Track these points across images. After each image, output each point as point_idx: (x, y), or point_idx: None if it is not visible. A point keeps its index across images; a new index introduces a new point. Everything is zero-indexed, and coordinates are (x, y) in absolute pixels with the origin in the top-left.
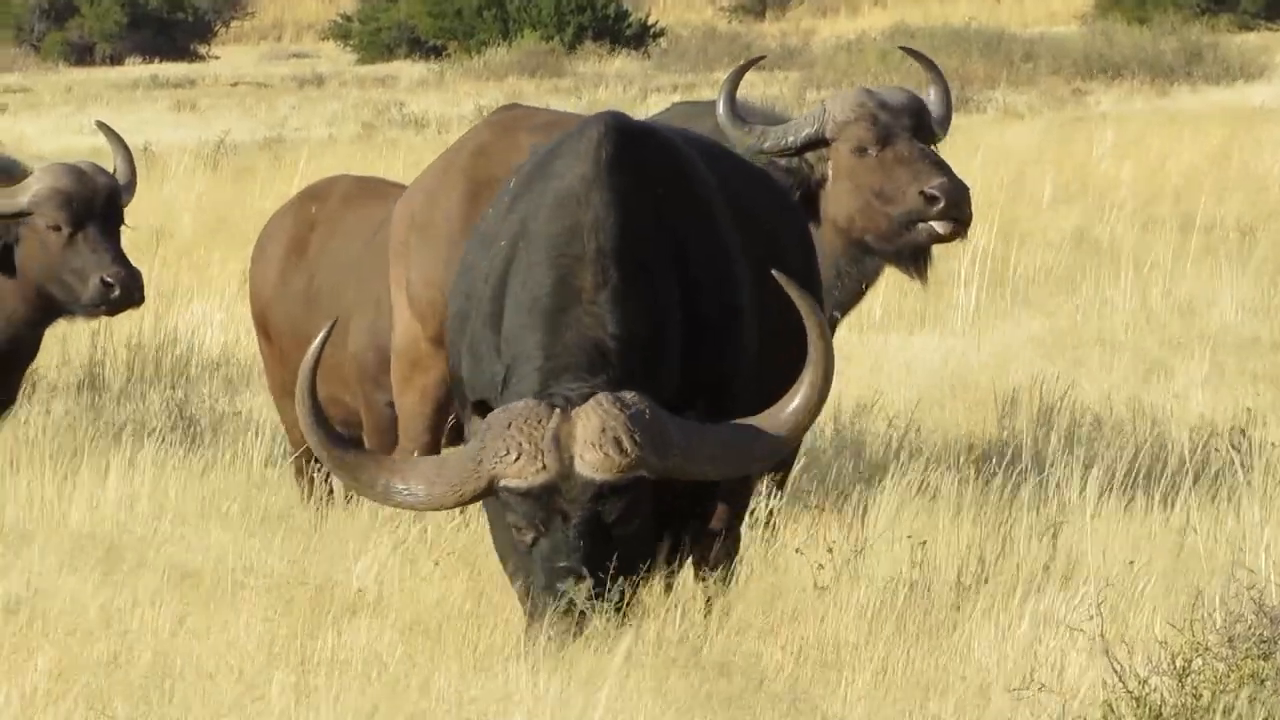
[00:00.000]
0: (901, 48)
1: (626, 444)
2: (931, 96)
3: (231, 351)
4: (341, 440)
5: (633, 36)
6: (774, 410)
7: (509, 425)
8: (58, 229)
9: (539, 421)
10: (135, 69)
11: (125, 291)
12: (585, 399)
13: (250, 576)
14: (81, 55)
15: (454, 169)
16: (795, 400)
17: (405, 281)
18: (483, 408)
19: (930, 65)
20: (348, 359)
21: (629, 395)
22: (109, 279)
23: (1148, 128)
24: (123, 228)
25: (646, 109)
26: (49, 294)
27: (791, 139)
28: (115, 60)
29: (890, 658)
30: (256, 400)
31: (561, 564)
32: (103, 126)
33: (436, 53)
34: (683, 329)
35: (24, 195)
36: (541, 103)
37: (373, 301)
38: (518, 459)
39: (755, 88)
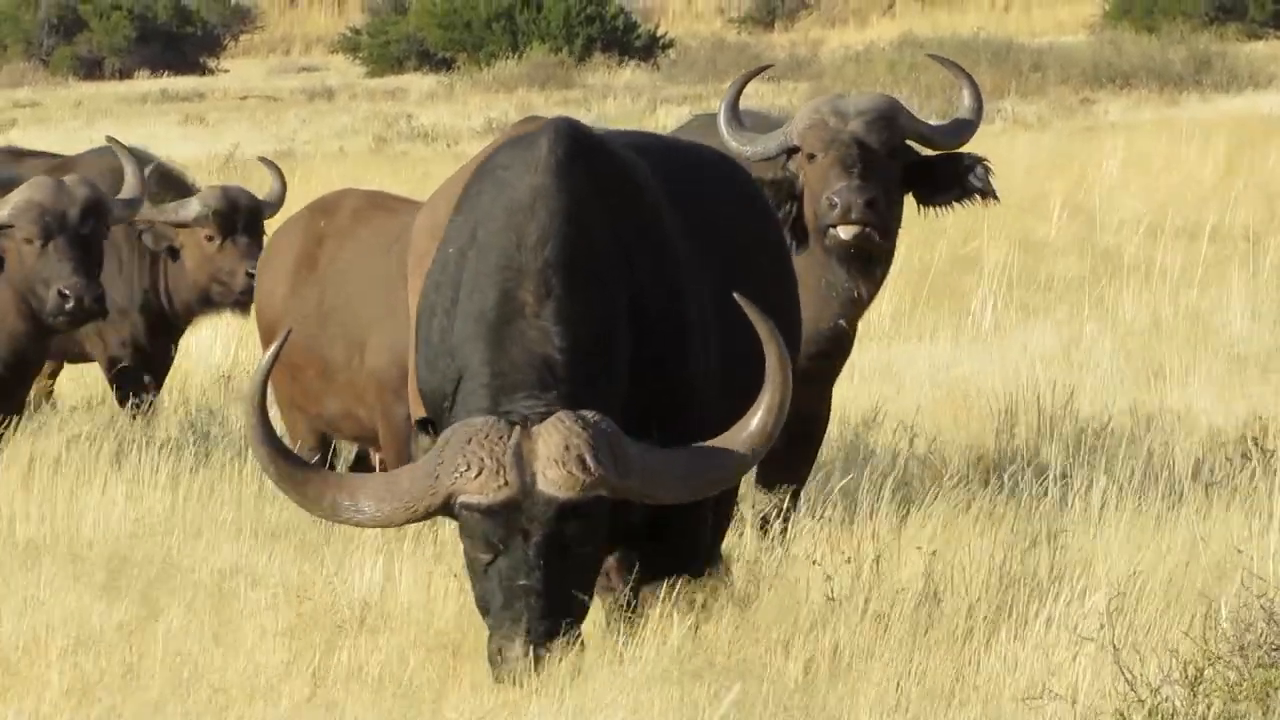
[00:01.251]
0: (930, 55)
1: (590, 462)
2: (965, 100)
3: (240, 364)
4: (290, 454)
5: (642, 48)
6: (730, 434)
7: (469, 441)
8: (30, 241)
9: (500, 438)
10: (144, 83)
11: (78, 303)
12: (543, 416)
13: (264, 590)
14: (90, 69)
15: None
16: (751, 424)
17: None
18: (426, 425)
19: (958, 69)
20: (365, 374)
21: (590, 414)
22: (65, 290)
23: (1156, 137)
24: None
25: (656, 120)
26: (29, 305)
27: (767, 146)
28: (124, 74)
29: (902, 667)
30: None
31: (521, 582)
32: (113, 142)
33: (446, 65)
34: (630, 342)
35: (4, 208)
36: (551, 114)
37: (392, 316)
38: (479, 475)
39: (764, 98)
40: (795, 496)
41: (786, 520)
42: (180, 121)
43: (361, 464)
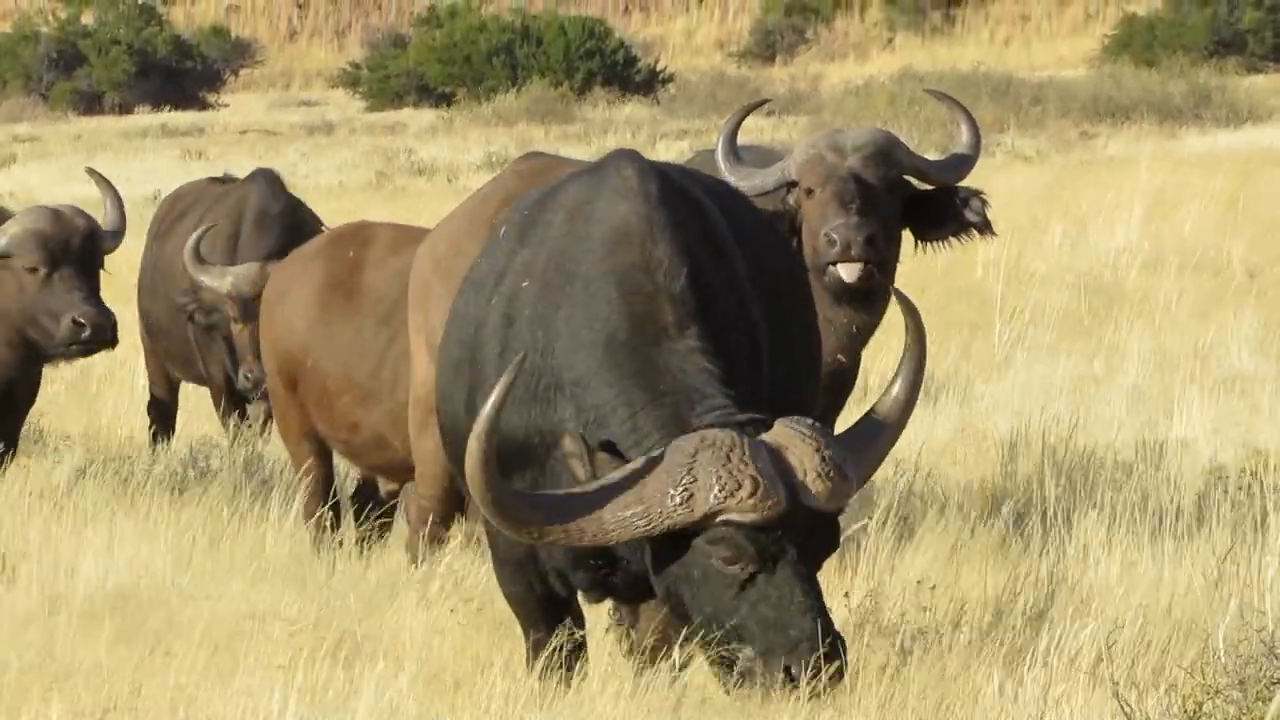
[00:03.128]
0: (928, 90)
1: (848, 470)
2: (963, 136)
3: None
4: (507, 486)
5: (642, 82)
6: (880, 403)
7: (724, 458)
8: (34, 270)
9: (753, 453)
10: (144, 117)
11: (96, 331)
12: (759, 427)
13: (266, 625)
14: (90, 104)
15: (481, 217)
16: (895, 391)
17: (426, 328)
18: (608, 447)
19: (955, 104)
20: (401, 404)
21: (808, 421)
22: (80, 319)
23: (1156, 171)
24: (102, 271)
25: (655, 154)
26: (27, 335)
27: (764, 180)
28: (124, 109)
29: (899, 700)
30: (270, 447)
31: (800, 599)
32: (93, 174)
33: (445, 99)
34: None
35: (2, 238)
36: (551, 149)
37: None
38: (747, 493)
39: (764, 133)
40: None
41: None
42: (180, 156)
43: (366, 491)
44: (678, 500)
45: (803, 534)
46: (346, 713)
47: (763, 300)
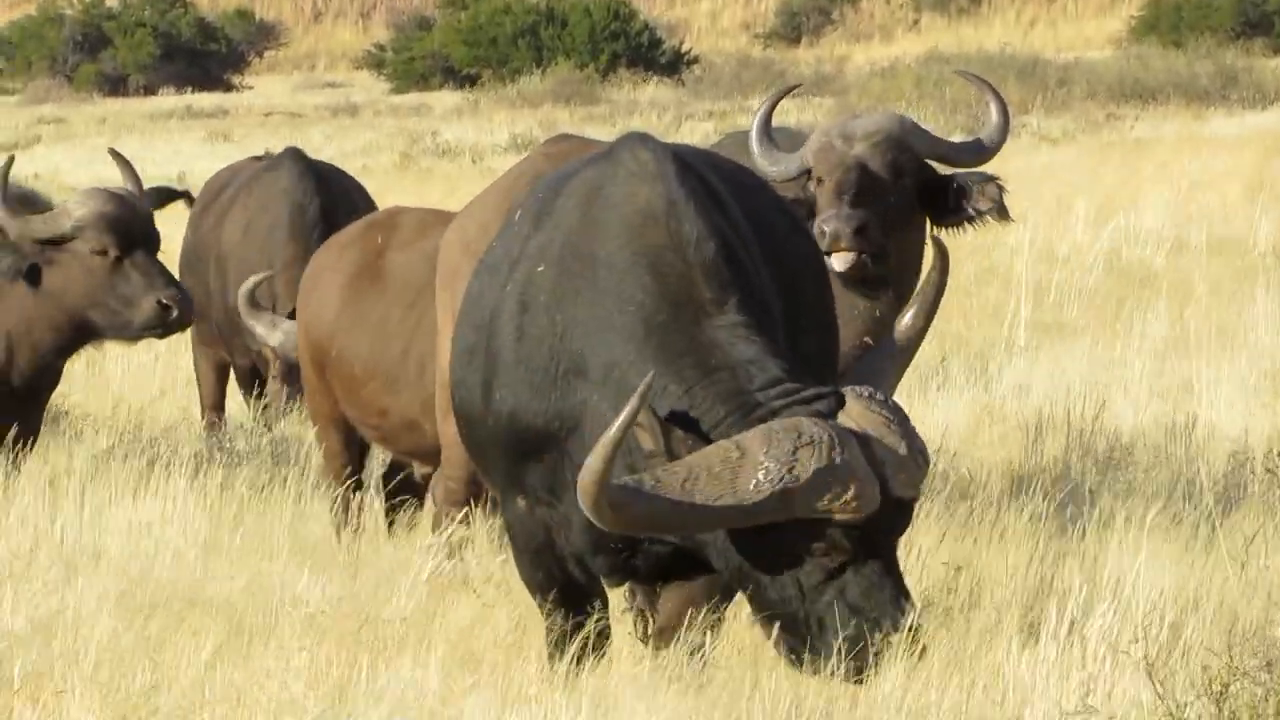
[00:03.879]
0: (958, 71)
1: (928, 454)
2: (992, 117)
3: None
4: (615, 487)
5: (667, 64)
6: (896, 328)
7: (823, 467)
8: (104, 253)
9: (849, 452)
10: (169, 99)
11: (183, 313)
12: (833, 403)
13: (287, 607)
14: (115, 86)
15: (509, 200)
16: (906, 318)
17: (454, 309)
18: (677, 419)
19: (985, 85)
20: (430, 388)
21: (879, 396)
22: (166, 301)
23: (1182, 152)
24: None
25: (680, 136)
26: (87, 320)
27: (786, 167)
28: (149, 91)
29: (930, 681)
30: (293, 430)
31: (889, 590)
32: (115, 154)
33: (470, 81)
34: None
35: (66, 220)
36: (576, 131)
37: None
38: (855, 496)
39: (790, 115)
40: None
41: None
42: (205, 138)
43: (394, 474)
44: (778, 498)
45: (890, 524)
46: (371, 695)
47: (777, 281)
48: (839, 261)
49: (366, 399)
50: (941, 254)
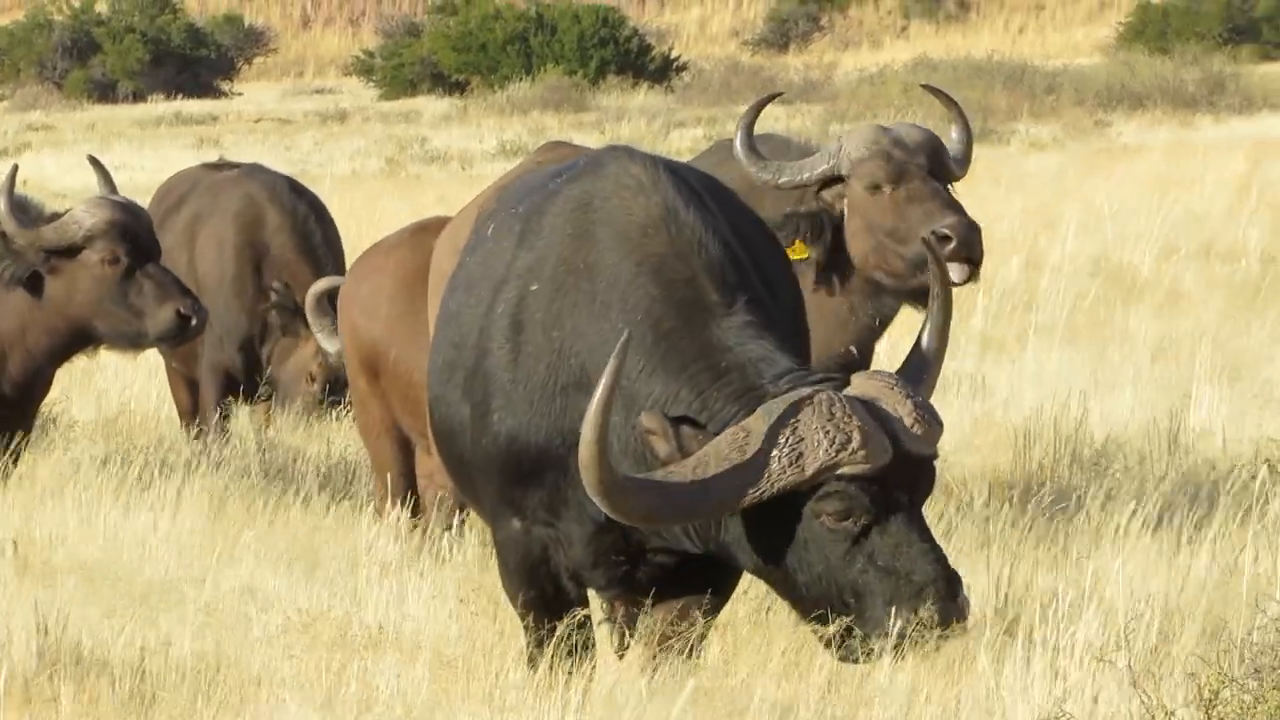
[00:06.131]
0: (923, 85)
1: (939, 414)
2: (953, 135)
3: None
4: (619, 474)
5: (655, 70)
6: (919, 343)
7: (825, 416)
8: (115, 261)
9: (851, 407)
10: (158, 106)
11: (200, 323)
12: (840, 385)
13: (275, 612)
14: (104, 92)
15: None
16: (926, 336)
17: None
18: (688, 421)
19: (951, 103)
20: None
21: (885, 372)
22: (185, 311)
23: (1170, 158)
24: None
25: (669, 143)
26: (90, 327)
27: (807, 175)
28: (138, 97)
29: (915, 689)
30: (281, 435)
31: (919, 544)
32: (92, 161)
33: (459, 88)
34: None
35: (76, 228)
36: (565, 137)
37: None
38: (862, 445)
39: (778, 121)
40: None
41: None
42: (194, 144)
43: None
44: (786, 462)
45: (908, 481)
46: (360, 701)
47: (762, 286)
48: (958, 272)
49: (419, 406)
50: (937, 262)
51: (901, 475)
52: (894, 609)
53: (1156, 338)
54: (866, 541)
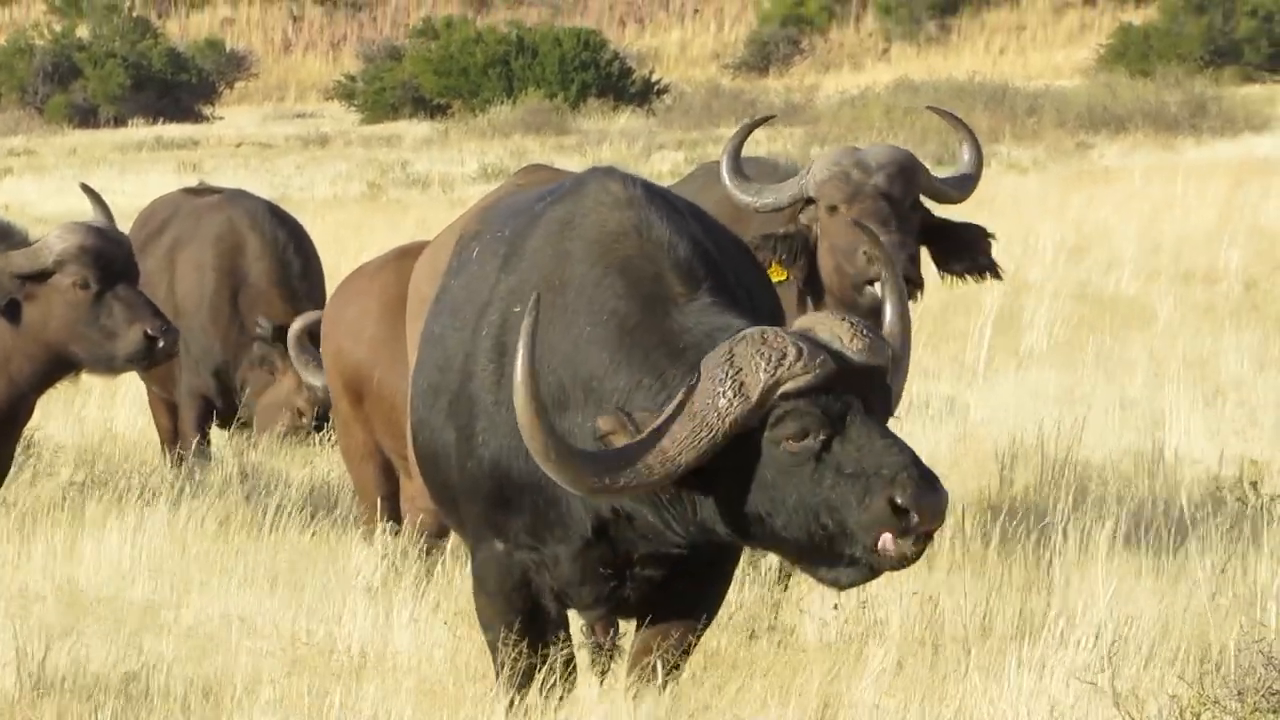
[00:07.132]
0: (929, 108)
1: (873, 331)
2: (964, 156)
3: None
4: (563, 440)
5: (637, 94)
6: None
7: (759, 344)
8: (86, 286)
9: (781, 333)
10: (139, 130)
11: (169, 344)
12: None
13: (259, 638)
14: (85, 117)
15: None
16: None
17: None
18: (625, 413)
19: (960, 124)
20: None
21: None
22: (152, 332)
23: (1152, 180)
24: None
25: (650, 165)
26: (67, 353)
27: (779, 198)
28: (119, 122)
29: (898, 711)
30: (265, 460)
31: (881, 440)
32: (86, 189)
33: (441, 111)
34: None
35: (47, 254)
36: (546, 160)
37: None
38: (798, 356)
39: (761, 145)
40: None
41: (789, 573)
42: (175, 169)
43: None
44: (730, 394)
45: (859, 389)
46: None
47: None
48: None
49: (393, 430)
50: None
51: (849, 384)
52: (871, 502)
53: (1138, 360)
54: (830, 455)
